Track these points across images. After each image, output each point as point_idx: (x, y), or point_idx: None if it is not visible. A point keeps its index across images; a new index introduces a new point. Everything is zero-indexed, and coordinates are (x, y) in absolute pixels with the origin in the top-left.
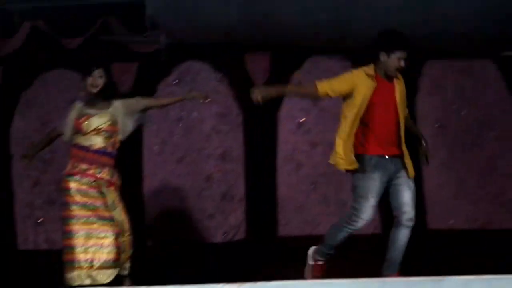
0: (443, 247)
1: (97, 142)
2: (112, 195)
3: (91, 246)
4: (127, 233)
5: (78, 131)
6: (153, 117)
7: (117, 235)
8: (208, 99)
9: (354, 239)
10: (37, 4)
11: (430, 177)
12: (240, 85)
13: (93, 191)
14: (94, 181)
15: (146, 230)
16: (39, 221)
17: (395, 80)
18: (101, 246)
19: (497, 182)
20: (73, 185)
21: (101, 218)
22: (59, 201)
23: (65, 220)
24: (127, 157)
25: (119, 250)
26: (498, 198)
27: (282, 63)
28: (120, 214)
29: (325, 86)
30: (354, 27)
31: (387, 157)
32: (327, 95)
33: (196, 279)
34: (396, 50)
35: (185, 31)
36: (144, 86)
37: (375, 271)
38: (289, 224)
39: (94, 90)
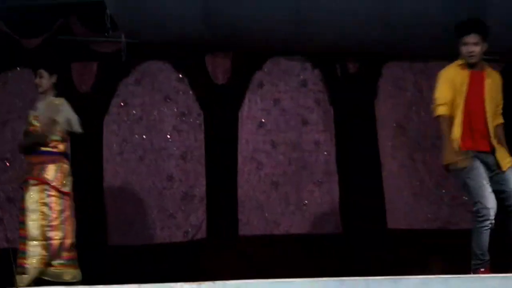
0: (402, 247)
1: None
2: (41, 195)
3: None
4: (40, 239)
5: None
6: (114, 116)
7: (24, 240)
8: None
9: (316, 238)
10: None
11: (389, 177)
12: (201, 85)
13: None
14: (25, 181)
15: (107, 229)
16: None
17: (485, 72)
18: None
19: (456, 183)
20: (24, 190)
21: (22, 223)
22: (19, 200)
23: (19, 224)
24: (87, 156)
25: (24, 255)
26: (457, 199)
27: (243, 63)
28: (37, 218)
29: (439, 108)
30: (312, 29)
31: (480, 151)
32: (447, 108)
33: (156, 278)
34: (462, 36)
35: (145, 31)
36: (104, 86)
37: (336, 270)
38: (250, 223)
39: (40, 90)
